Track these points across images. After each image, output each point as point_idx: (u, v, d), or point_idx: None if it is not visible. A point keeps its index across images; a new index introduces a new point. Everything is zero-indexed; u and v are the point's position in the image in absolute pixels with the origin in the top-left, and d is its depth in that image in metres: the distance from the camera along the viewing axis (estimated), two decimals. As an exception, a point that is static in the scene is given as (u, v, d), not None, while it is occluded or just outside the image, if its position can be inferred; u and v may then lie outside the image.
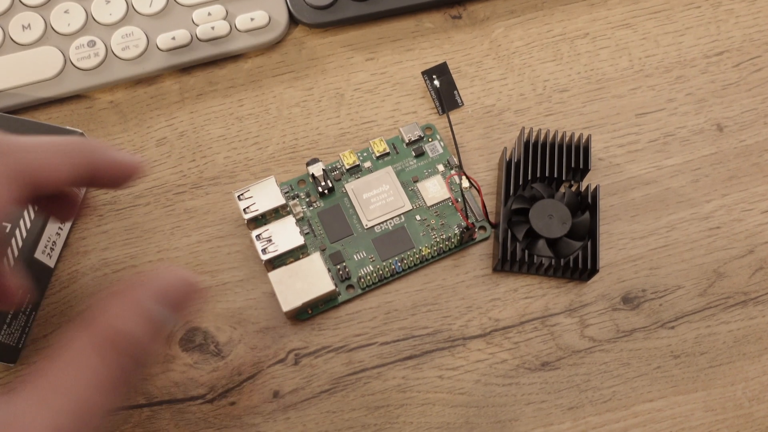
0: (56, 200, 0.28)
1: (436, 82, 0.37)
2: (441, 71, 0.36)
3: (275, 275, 0.32)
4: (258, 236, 0.33)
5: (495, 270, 0.35)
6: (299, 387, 0.33)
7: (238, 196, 0.33)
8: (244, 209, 0.33)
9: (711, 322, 0.34)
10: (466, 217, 0.35)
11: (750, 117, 0.38)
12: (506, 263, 0.34)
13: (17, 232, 0.32)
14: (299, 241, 0.33)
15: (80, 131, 0.34)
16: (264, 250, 0.33)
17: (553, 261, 0.34)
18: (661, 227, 0.36)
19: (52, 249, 0.34)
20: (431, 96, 0.35)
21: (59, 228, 0.34)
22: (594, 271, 0.33)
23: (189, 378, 0.33)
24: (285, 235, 0.33)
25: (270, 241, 0.33)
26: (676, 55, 0.39)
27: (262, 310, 0.34)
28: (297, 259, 0.34)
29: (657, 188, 0.37)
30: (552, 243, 0.34)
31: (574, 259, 0.34)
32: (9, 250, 0.26)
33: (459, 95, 0.35)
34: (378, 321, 0.34)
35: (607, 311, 0.34)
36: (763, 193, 0.36)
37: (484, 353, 0.33)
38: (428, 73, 0.35)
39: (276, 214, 0.34)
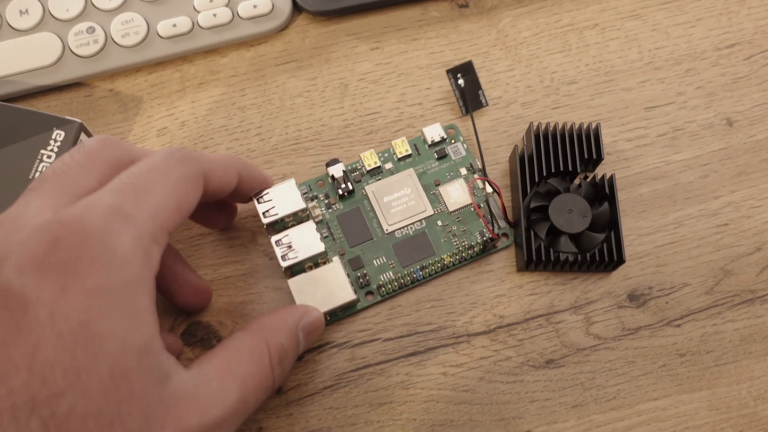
0: (214, 207, 0.32)
1: (461, 81, 0.35)
2: (466, 70, 0.35)
3: (295, 283, 0.31)
4: (278, 242, 0.31)
5: (520, 270, 0.34)
6: (302, 383, 0.33)
7: (257, 199, 0.32)
8: (263, 213, 0.31)
9: (717, 320, 0.34)
10: (491, 228, 0.34)
11: (760, 111, 0.38)
12: (531, 264, 0.33)
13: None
14: (320, 248, 0.31)
15: (79, 121, 0.34)
16: (284, 257, 0.31)
17: (578, 256, 0.33)
18: (669, 223, 0.35)
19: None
20: (455, 95, 0.34)
21: (58, 220, 0.34)
22: (621, 261, 0.33)
23: (190, 373, 0.33)
24: (305, 241, 0.31)
25: (290, 247, 0.31)
26: (686, 47, 0.39)
27: (265, 305, 0.34)
28: (317, 264, 0.33)
29: (665, 184, 0.36)
30: (574, 237, 0.34)
31: (599, 251, 0.33)
32: None
33: (484, 95, 0.33)
34: (382, 317, 0.34)
35: (612, 308, 0.34)
36: (773, 189, 0.36)
37: (488, 350, 0.33)
38: (453, 72, 0.34)
39: (295, 217, 0.33)
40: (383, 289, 0.33)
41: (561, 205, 0.34)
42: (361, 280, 0.33)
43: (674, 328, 0.34)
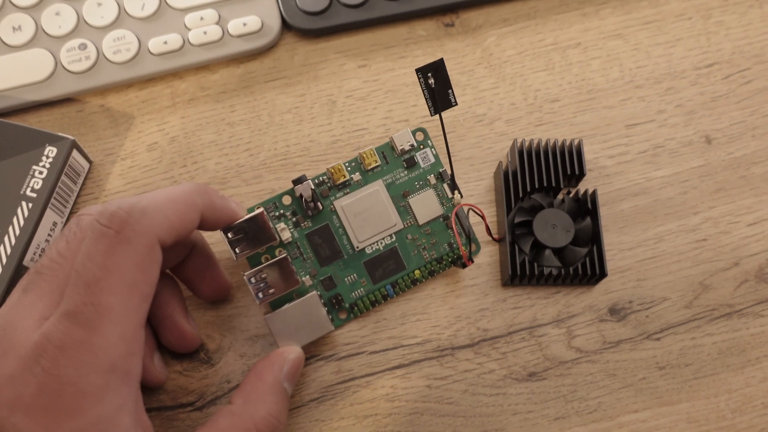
0: (206, 278, 0.33)
1: (431, 81, 0.33)
2: (436, 69, 0.33)
3: (272, 321, 0.31)
4: (251, 278, 0.31)
5: (504, 285, 0.35)
6: (288, 395, 0.33)
7: (226, 235, 0.31)
8: (234, 250, 0.31)
9: (696, 333, 0.35)
10: (469, 258, 0.33)
11: (738, 129, 0.38)
12: (516, 278, 0.34)
13: (5, 238, 0.32)
14: (296, 284, 0.31)
15: (71, 138, 0.34)
16: (258, 294, 0.31)
17: (561, 270, 0.34)
18: (649, 239, 0.36)
19: (41, 257, 0.34)
20: (424, 95, 0.33)
21: (49, 234, 0.34)
22: (603, 275, 0.34)
23: (179, 385, 0.33)
24: (280, 276, 0.31)
25: (265, 282, 0.31)
26: (666, 67, 0.40)
27: (252, 318, 0.34)
28: (292, 298, 0.32)
29: (645, 200, 0.37)
30: (558, 252, 0.34)
31: (581, 265, 0.34)
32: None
33: (453, 94, 0.32)
34: (367, 330, 0.34)
35: (594, 322, 0.35)
36: (750, 206, 0.37)
37: (472, 363, 0.34)
38: (423, 71, 0.33)
39: (268, 248, 0.33)
40: (356, 308, 0.34)
41: (545, 220, 0.35)
42: (333, 300, 0.33)
43: (654, 342, 0.34)
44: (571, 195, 0.36)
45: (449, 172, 0.35)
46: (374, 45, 0.40)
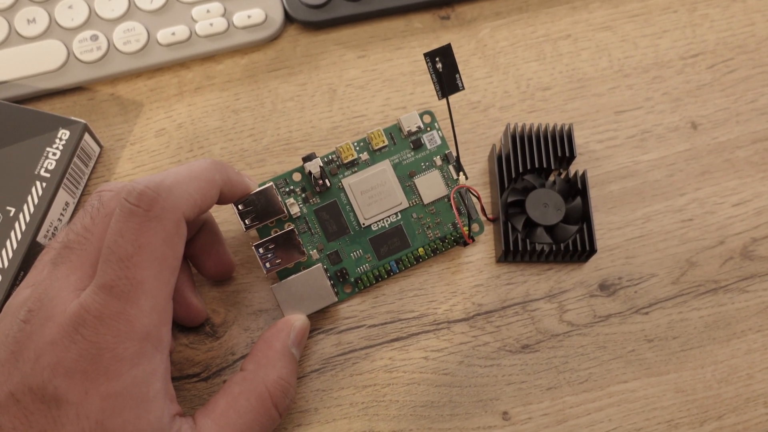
0: (212, 257, 0.34)
1: (439, 65, 0.34)
2: (444, 54, 0.33)
3: (279, 290, 0.33)
4: (259, 248, 0.33)
5: (499, 261, 0.36)
6: (290, 366, 0.34)
7: (237, 207, 0.32)
8: (244, 221, 0.33)
9: (683, 308, 0.36)
10: (469, 236, 0.35)
11: (723, 116, 0.40)
12: (509, 254, 0.35)
13: (20, 216, 0.34)
14: (302, 256, 0.33)
15: (84, 121, 0.36)
16: (266, 264, 0.33)
17: (553, 246, 0.35)
18: (637, 219, 0.38)
19: (54, 234, 0.35)
20: (432, 79, 0.33)
21: (61, 213, 0.36)
22: (593, 251, 0.35)
23: (185, 357, 0.34)
24: (287, 247, 0.33)
25: (272, 253, 0.32)
26: (653, 57, 0.41)
27: (256, 294, 0.36)
28: (298, 270, 0.34)
29: (634, 182, 0.38)
30: (549, 229, 0.36)
31: (572, 242, 0.35)
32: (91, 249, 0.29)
33: (460, 78, 0.33)
34: (366, 305, 0.36)
35: (584, 297, 0.36)
36: (734, 187, 0.38)
37: (467, 336, 0.35)
38: (431, 56, 0.33)
39: (277, 221, 0.34)
40: (360, 282, 0.35)
41: (537, 200, 0.36)
42: (339, 274, 0.35)
43: (642, 316, 0.36)
44: (562, 176, 0.37)
45: (455, 154, 0.36)
46: (373, 37, 0.41)
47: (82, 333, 0.25)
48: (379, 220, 0.35)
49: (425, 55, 0.33)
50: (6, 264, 0.33)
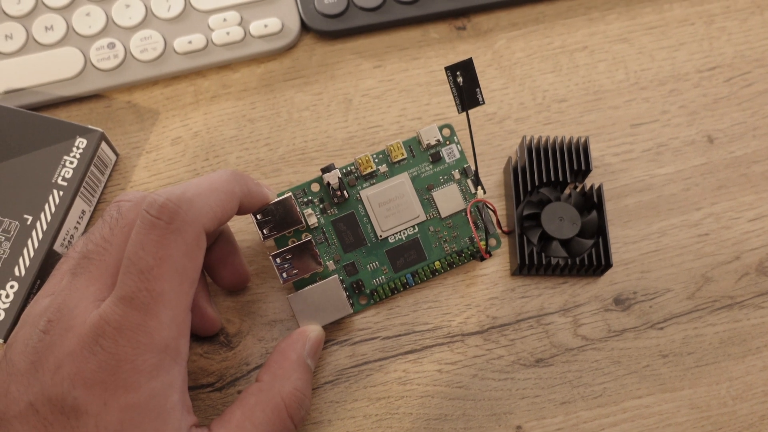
0: (227, 267, 0.34)
1: (460, 79, 0.34)
2: (465, 68, 0.33)
3: (295, 301, 0.33)
4: (276, 258, 0.33)
5: (514, 274, 0.36)
6: (305, 377, 0.34)
7: (256, 217, 0.33)
8: (263, 231, 0.33)
9: (698, 324, 0.36)
10: (486, 251, 0.35)
11: (739, 130, 0.40)
12: (524, 267, 0.35)
13: (37, 224, 0.34)
14: (318, 267, 0.33)
15: (101, 130, 0.36)
16: (282, 273, 0.33)
17: (568, 260, 0.35)
18: (653, 233, 0.38)
19: (70, 242, 0.35)
20: (452, 93, 0.33)
21: (78, 221, 0.36)
22: (608, 265, 0.35)
23: (199, 367, 0.34)
24: (304, 258, 0.33)
25: (289, 263, 0.33)
26: (670, 69, 0.41)
27: (270, 304, 0.36)
28: (314, 281, 0.34)
29: (649, 195, 0.38)
30: (565, 243, 0.36)
31: (587, 256, 0.35)
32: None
33: (481, 93, 0.33)
34: (381, 317, 0.36)
35: (599, 311, 0.36)
36: (751, 202, 0.38)
37: (481, 349, 0.35)
38: (452, 69, 0.33)
39: (295, 231, 0.34)
40: (376, 294, 0.35)
41: (552, 213, 0.36)
42: (354, 285, 0.35)
43: (657, 331, 0.36)
44: (577, 190, 0.37)
45: (473, 168, 0.36)
46: (389, 47, 0.41)
47: (102, 344, 0.26)
48: (397, 233, 0.35)
49: (446, 68, 0.33)
50: (23, 272, 0.33)
